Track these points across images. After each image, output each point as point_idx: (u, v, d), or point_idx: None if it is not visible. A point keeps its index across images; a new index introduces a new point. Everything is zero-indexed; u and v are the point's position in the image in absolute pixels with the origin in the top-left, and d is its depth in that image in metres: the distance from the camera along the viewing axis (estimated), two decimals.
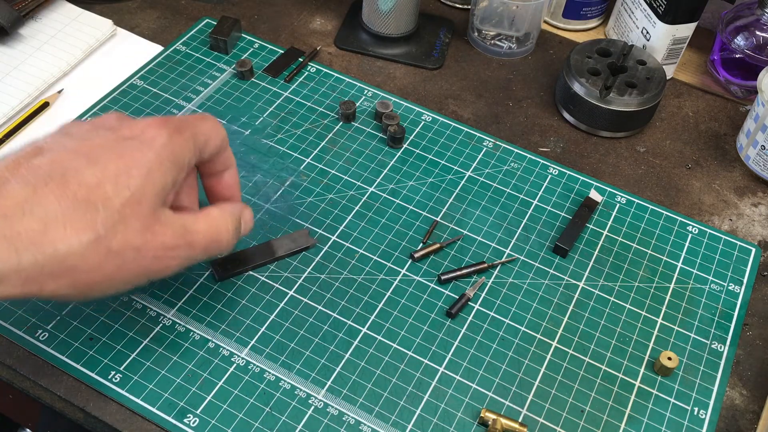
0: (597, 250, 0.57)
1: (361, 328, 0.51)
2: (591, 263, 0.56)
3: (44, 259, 0.36)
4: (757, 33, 0.68)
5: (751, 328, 0.54)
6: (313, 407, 0.47)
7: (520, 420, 0.47)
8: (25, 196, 0.36)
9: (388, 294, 0.53)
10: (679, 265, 0.56)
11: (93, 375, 0.47)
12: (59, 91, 0.64)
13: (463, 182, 0.60)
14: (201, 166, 0.47)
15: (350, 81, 0.67)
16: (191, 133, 0.43)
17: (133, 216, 0.39)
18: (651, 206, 0.60)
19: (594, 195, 0.59)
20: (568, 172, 0.62)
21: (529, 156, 0.63)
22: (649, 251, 0.57)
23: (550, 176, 0.61)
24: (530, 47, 0.73)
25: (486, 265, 0.54)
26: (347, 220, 0.57)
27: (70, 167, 0.38)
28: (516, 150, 0.63)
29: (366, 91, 0.67)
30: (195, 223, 0.43)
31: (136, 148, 0.40)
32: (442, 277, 0.53)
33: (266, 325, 0.50)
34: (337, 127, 0.64)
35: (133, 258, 0.39)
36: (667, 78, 0.71)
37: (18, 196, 0.36)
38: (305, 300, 0.52)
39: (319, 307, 0.52)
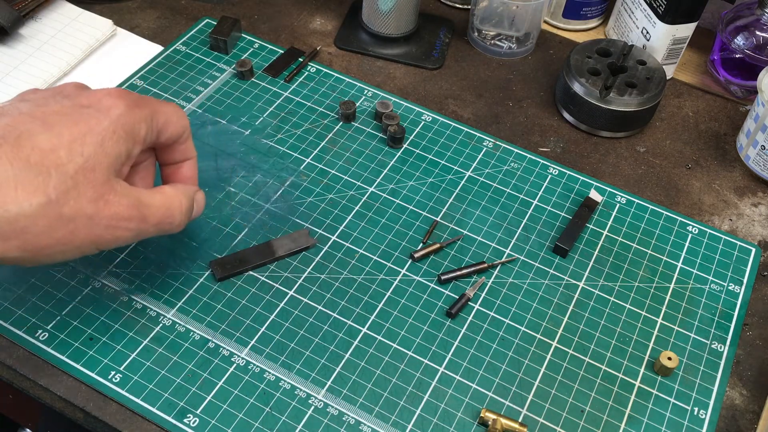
0: (597, 250, 0.57)
1: (361, 328, 0.51)
2: (591, 263, 0.56)
3: None
4: (757, 33, 0.68)
5: (751, 328, 0.54)
6: (313, 407, 0.47)
7: (520, 420, 0.47)
8: None
9: (388, 294, 0.53)
10: (679, 265, 0.56)
11: (93, 375, 0.47)
12: None
13: (463, 182, 0.60)
14: (160, 153, 0.48)
15: (350, 81, 0.67)
16: (150, 110, 0.44)
17: (86, 183, 0.39)
18: (651, 206, 0.60)
19: (594, 195, 0.59)
20: (568, 172, 0.62)
21: (529, 156, 0.63)
22: (649, 251, 0.57)
23: (550, 176, 0.61)
24: (530, 47, 0.73)
25: (486, 265, 0.54)
26: (347, 220, 0.57)
27: (24, 130, 0.38)
28: (516, 150, 0.63)
29: (366, 91, 0.67)
30: (150, 197, 0.43)
31: (92, 116, 0.40)
32: (442, 277, 0.53)
33: (266, 325, 0.50)
34: (337, 127, 0.64)
35: (85, 225, 0.40)
36: (667, 78, 0.71)
37: None
38: (305, 300, 0.52)
39: (319, 307, 0.52)
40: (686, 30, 0.67)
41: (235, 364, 0.48)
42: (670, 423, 0.48)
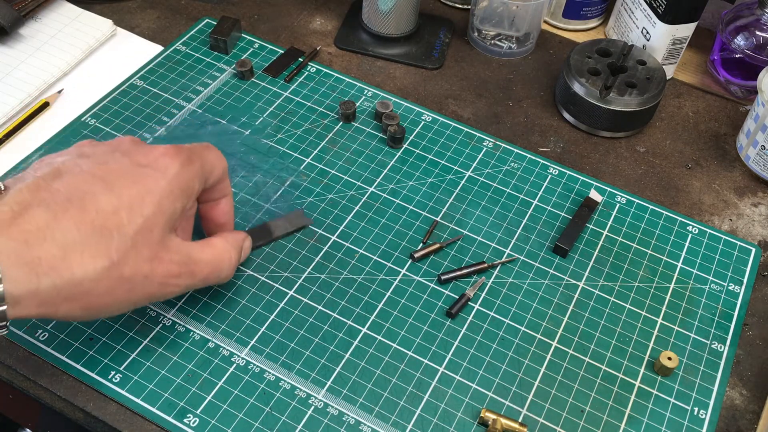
0: (597, 250, 0.57)
1: (361, 328, 0.51)
2: (591, 263, 0.56)
3: (62, 284, 0.38)
4: (757, 33, 0.68)
5: (751, 328, 0.54)
6: (313, 407, 0.47)
7: (520, 420, 0.47)
8: (46, 221, 0.37)
9: (388, 294, 0.53)
10: (679, 265, 0.56)
11: (93, 375, 0.47)
12: (59, 91, 0.64)
13: (463, 182, 0.60)
14: (200, 194, 0.48)
15: (350, 81, 0.67)
16: (200, 163, 0.45)
17: (144, 243, 0.41)
18: (651, 206, 0.60)
19: (594, 195, 0.59)
20: (568, 172, 0.62)
21: (529, 156, 0.63)
22: (649, 251, 0.57)
23: (550, 176, 0.61)
24: (530, 47, 0.73)
25: (486, 265, 0.54)
26: (347, 220, 0.57)
27: (88, 192, 0.39)
28: (516, 150, 0.63)
29: (366, 91, 0.67)
30: (200, 252, 0.45)
31: (149, 175, 0.42)
32: (442, 277, 0.53)
33: (266, 325, 0.50)
34: (337, 127, 0.64)
35: (141, 283, 0.41)
36: (667, 78, 0.71)
37: (40, 221, 0.37)
38: (305, 300, 0.52)
39: (319, 307, 0.52)
40: (686, 30, 0.67)
41: (235, 364, 0.48)
42: (670, 423, 0.48)
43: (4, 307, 0.37)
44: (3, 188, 0.39)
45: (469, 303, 0.53)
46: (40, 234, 0.37)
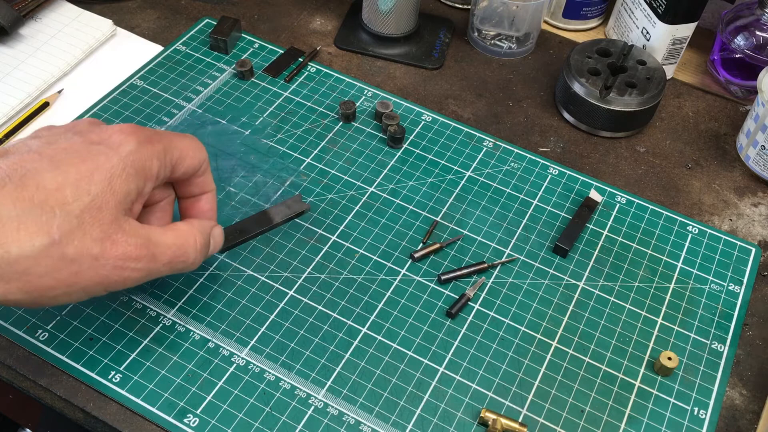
0: (597, 250, 0.57)
1: (361, 328, 0.51)
2: (591, 263, 0.56)
3: None
4: (757, 33, 0.68)
5: (751, 328, 0.54)
6: (313, 407, 0.47)
7: (520, 420, 0.47)
8: None
9: (388, 294, 0.53)
10: (679, 265, 0.56)
11: (93, 375, 0.47)
12: (59, 91, 0.64)
13: (463, 182, 0.60)
14: (177, 187, 0.47)
15: (350, 81, 0.67)
16: (163, 145, 0.42)
17: (92, 222, 0.38)
18: (651, 206, 0.60)
19: (594, 195, 0.59)
20: (568, 172, 0.62)
21: (529, 156, 0.63)
22: (649, 251, 0.57)
23: (550, 176, 0.61)
24: (530, 47, 0.73)
25: (486, 265, 0.54)
26: (347, 220, 0.57)
27: (30, 169, 0.37)
28: (516, 150, 0.63)
29: (366, 91, 0.67)
30: (161, 235, 0.42)
31: (101, 152, 0.39)
32: (442, 277, 0.53)
33: (266, 325, 0.50)
34: (337, 127, 0.64)
35: (90, 266, 0.38)
36: (667, 78, 0.71)
37: None
38: (305, 300, 0.52)
39: (319, 307, 0.52)
40: (686, 30, 0.67)
41: (235, 364, 0.48)
42: (670, 423, 0.48)
43: None
44: None
45: (469, 303, 0.53)
46: None
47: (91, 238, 0.38)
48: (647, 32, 0.69)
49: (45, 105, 0.63)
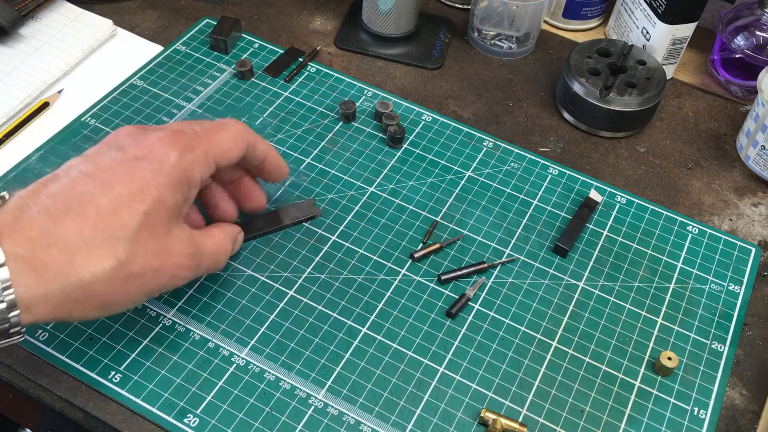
0: (597, 250, 0.57)
1: (361, 328, 0.51)
2: (591, 263, 0.56)
3: (71, 287, 0.38)
4: (757, 33, 0.68)
5: (751, 328, 0.54)
6: (313, 407, 0.47)
7: (520, 420, 0.47)
8: (48, 228, 0.38)
9: (388, 294, 0.53)
10: (679, 265, 0.56)
11: (93, 375, 0.47)
12: (59, 91, 0.64)
13: (463, 182, 0.60)
14: (242, 165, 0.49)
15: (350, 81, 0.67)
16: (203, 149, 0.44)
17: (149, 238, 0.41)
18: (651, 206, 0.60)
19: (594, 195, 0.59)
20: (568, 172, 0.62)
21: (529, 156, 0.63)
22: (649, 251, 0.57)
23: (550, 176, 0.61)
24: (530, 47, 0.73)
25: (486, 265, 0.54)
26: (347, 220, 0.57)
27: (85, 193, 0.40)
28: (516, 150, 0.63)
29: (366, 91, 0.67)
30: (204, 244, 0.46)
31: (146, 168, 0.41)
32: (442, 277, 0.53)
33: (266, 325, 0.50)
34: (337, 127, 0.64)
35: (152, 277, 0.42)
36: (667, 78, 0.71)
37: (42, 226, 0.38)
38: (305, 300, 0.52)
39: (319, 307, 0.52)
40: (686, 30, 0.67)
41: (235, 364, 0.48)
42: (670, 423, 0.48)
43: (17, 312, 0.37)
44: (7, 197, 0.40)
45: (469, 303, 0.53)
46: (44, 240, 0.38)
47: (151, 253, 0.41)
48: (647, 32, 0.69)
49: (45, 105, 0.63)
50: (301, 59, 0.69)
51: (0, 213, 0.39)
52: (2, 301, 0.36)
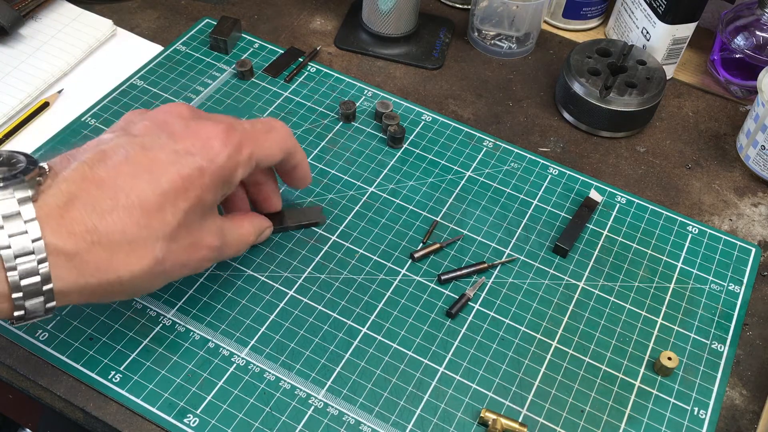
0: (597, 250, 0.57)
1: (361, 328, 0.51)
2: (591, 263, 0.56)
3: (108, 283, 0.39)
4: (757, 33, 0.68)
5: (751, 328, 0.54)
6: (313, 407, 0.47)
7: (520, 420, 0.47)
8: (93, 224, 0.38)
9: (388, 294, 0.53)
10: (679, 265, 0.56)
11: (93, 375, 0.47)
12: (59, 91, 0.64)
13: (463, 182, 0.60)
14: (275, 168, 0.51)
15: (350, 81, 0.67)
16: (250, 150, 0.44)
17: (184, 236, 0.42)
18: (651, 206, 0.60)
19: (594, 195, 0.59)
20: (568, 172, 0.62)
21: (529, 156, 0.63)
22: (649, 251, 0.57)
23: (550, 176, 0.61)
24: (530, 47, 0.73)
25: (486, 265, 0.54)
26: (347, 220, 0.57)
27: (132, 186, 0.39)
28: (516, 150, 0.63)
29: (366, 91, 0.67)
30: (231, 234, 0.47)
31: (195, 166, 0.41)
32: (442, 277, 0.53)
33: (266, 325, 0.50)
34: (337, 127, 0.64)
35: (179, 271, 0.43)
36: (667, 78, 0.71)
37: (87, 222, 0.38)
38: (305, 300, 0.52)
39: (319, 307, 0.52)
40: (686, 30, 0.67)
41: (235, 364, 0.48)
42: (670, 423, 0.48)
43: (53, 304, 0.38)
44: (48, 169, 0.39)
45: (469, 303, 0.53)
46: (88, 237, 0.38)
47: (183, 249, 0.42)
48: (647, 32, 0.69)
49: (45, 105, 0.63)
50: (301, 59, 0.69)
51: (45, 196, 0.37)
52: (40, 294, 0.37)
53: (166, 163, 0.40)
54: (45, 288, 0.37)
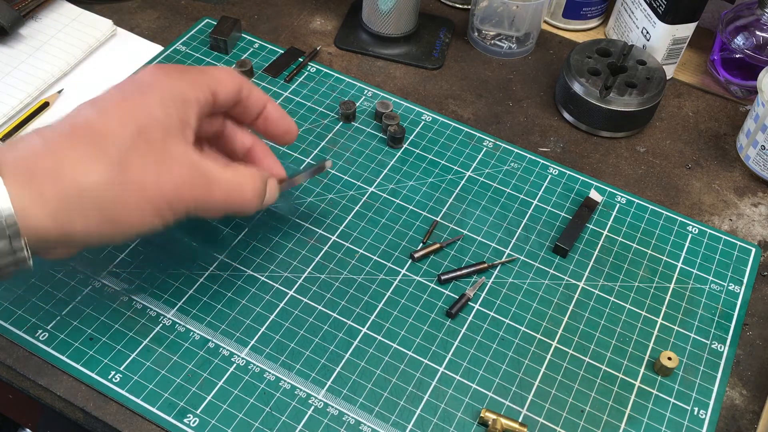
0: (597, 250, 0.57)
1: (361, 328, 0.51)
2: (591, 263, 0.56)
3: (66, 190, 0.38)
4: (757, 33, 0.68)
5: (751, 328, 0.54)
6: (313, 407, 0.47)
7: (520, 420, 0.47)
8: (40, 145, 0.39)
9: (388, 294, 0.53)
10: (679, 265, 0.56)
11: (93, 375, 0.47)
12: (59, 91, 0.64)
13: (463, 182, 0.60)
14: (237, 115, 0.48)
15: (350, 81, 0.67)
16: (193, 76, 0.44)
17: (144, 147, 0.40)
18: (651, 206, 0.60)
19: (594, 195, 0.59)
20: (568, 172, 0.62)
21: (529, 156, 0.63)
22: (649, 251, 0.57)
23: (550, 176, 0.61)
24: (530, 47, 0.73)
25: (486, 265, 0.54)
26: (347, 220, 0.57)
27: (77, 115, 0.41)
28: (516, 150, 0.63)
29: (366, 91, 0.67)
30: (217, 170, 0.43)
31: (136, 91, 0.42)
32: (442, 277, 0.53)
33: (266, 325, 0.50)
34: (337, 127, 0.64)
35: (154, 189, 0.40)
36: (667, 78, 0.71)
37: (35, 145, 0.39)
38: (305, 300, 0.52)
39: (319, 307, 0.52)
40: (686, 30, 0.67)
41: (235, 364, 0.48)
42: (670, 423, 0.48)
43: (16, 224, 0.37)
44: None
45: (469, 303, 0.53)
46: (32, 153, 0.38)
47: (147, 162, 0.40)
48: (647, 32, 0.69)
49: (45, 105, 0.63)
50: (301, 59, 0.69)
51: None
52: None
53: (110, 98, 0.42)
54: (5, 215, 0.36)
